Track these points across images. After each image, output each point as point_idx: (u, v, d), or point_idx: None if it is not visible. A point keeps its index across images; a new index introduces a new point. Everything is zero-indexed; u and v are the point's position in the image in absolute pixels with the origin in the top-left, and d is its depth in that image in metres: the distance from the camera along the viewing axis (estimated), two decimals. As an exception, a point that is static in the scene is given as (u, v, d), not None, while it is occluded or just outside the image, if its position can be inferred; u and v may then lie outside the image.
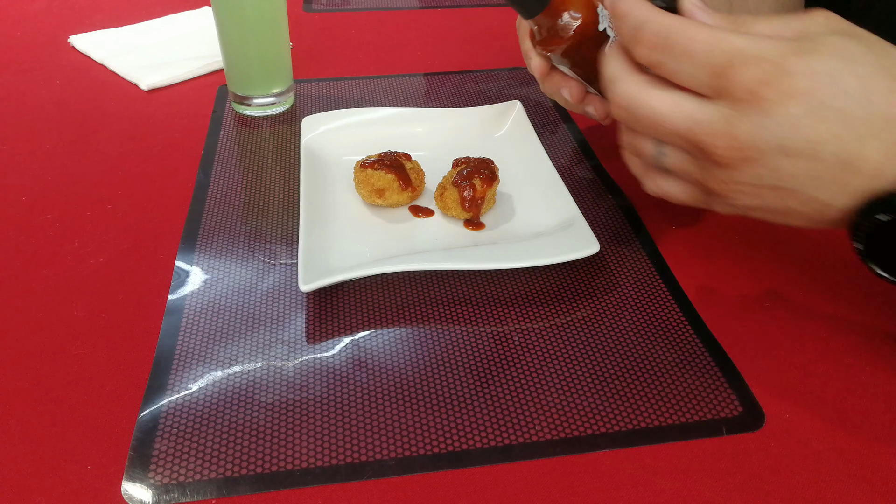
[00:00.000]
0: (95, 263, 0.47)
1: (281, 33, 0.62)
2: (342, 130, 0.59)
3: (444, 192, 0.50)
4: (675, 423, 0.37)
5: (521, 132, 0.59)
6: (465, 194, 0.49)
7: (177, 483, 0.33)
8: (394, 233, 0.50)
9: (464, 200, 0.49)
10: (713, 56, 0.32)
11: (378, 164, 0.50)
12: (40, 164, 0.57)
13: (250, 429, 0.36)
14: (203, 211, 0.52)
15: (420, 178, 0.52)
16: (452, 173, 0.51)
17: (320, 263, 0.44)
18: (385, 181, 0.50)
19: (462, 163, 0.53)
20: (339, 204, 0.52)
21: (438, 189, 0.51)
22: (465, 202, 0.49)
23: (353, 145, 0.58)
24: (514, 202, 0.53)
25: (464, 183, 0.49)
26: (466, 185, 0.49)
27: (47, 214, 0.51)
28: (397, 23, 0.86)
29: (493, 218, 0.52)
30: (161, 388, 0.38)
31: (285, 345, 0.41)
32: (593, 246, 0.46)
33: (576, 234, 0.47)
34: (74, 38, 0.76)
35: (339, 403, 0.38)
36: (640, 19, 0.35)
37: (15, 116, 0.64)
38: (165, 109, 0.65)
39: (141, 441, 0.35)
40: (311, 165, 0.54)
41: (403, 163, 0.52)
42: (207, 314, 0.43)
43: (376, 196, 0.50)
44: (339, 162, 0.56)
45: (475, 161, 0.52)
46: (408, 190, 0.51)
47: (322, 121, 0.60)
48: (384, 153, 0.52)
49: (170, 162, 0.58)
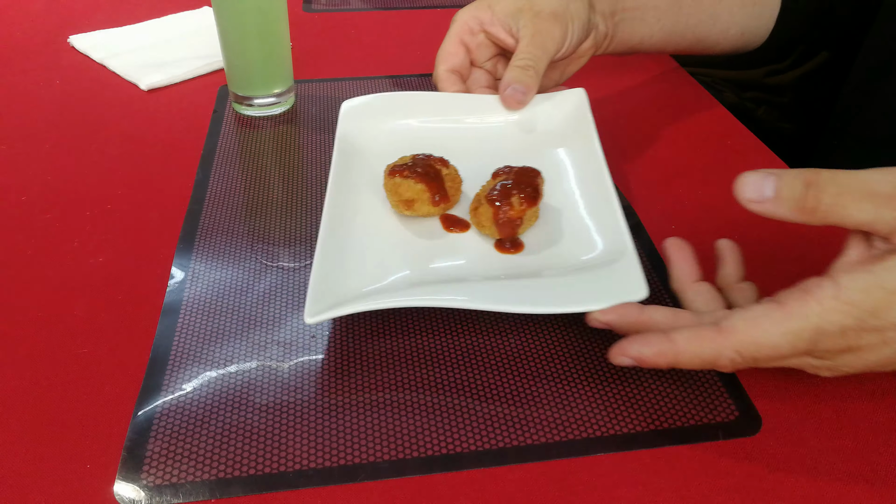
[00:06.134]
0: (95, 263, 0.47)
1: (281, 33, 0.62)
2: (382, 118, 0.55)
3: (479, 206, 0.45)
4: (671, 426, 0.37)
5: (579, 129, 0.53)
6: (501, 214, 0.44)
7: (169, 484, 0.33)
8: (421, 248, 0.46)
9: (499, 220, 0.44)
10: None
11: (409, 172, 0.46)
12: (40, 164, 0.57)
13: (244, 430, 0.36)
14: (202, 211, 0.52)
15: (456, 187, 0.48)
16: (490, 185, 0.46)
17: (332, 287, 0.40)
18: (414, 192, 0.45)
19: (503, 173, 0.47)
20: (367, 208, 0.48)
21: (474, 201, 0.46)
22: (501, 222, 0.44)
23: (392, 136, 0.53)
24: (561, 218, 0.47)
25: (500, 200, 0.44)
26: (503, 203, 0.44)
27: (47, 214, 0.51)
28: (397, 23, 0.86)
29: (534, 237, 0.46)
30: (156, 388, 0.38)
31: (281, 346, 0.41)
32: (639, 290, 0.39)
33: (622, 273, 0.40)
34: (74, 38, 0.76)
35: (333, 405, 0.38)
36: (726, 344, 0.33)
37: (14, 116, 0.64)
38: (165, 109, 0.65)
39: (134, 442, 0.35)
40: (345, 158, 0.50)
41: (439, 169, 0.47)
42: (204, 315, 0.43)
43: (405, 207, 0.46)
44: (376, 154, 0.51)
45: (517, 172, 0.46)
46: (440, 203, 0.46)
47: (362, 107, 0.55)
48: (419, 157, 0.47)
49: (169, 162, 0.58)
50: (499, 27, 0.55)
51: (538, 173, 0.47)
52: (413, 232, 0.47)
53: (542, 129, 0.55)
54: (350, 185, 0.49)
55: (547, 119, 0.55)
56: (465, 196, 0.49)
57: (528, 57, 0.52)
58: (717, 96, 0.71)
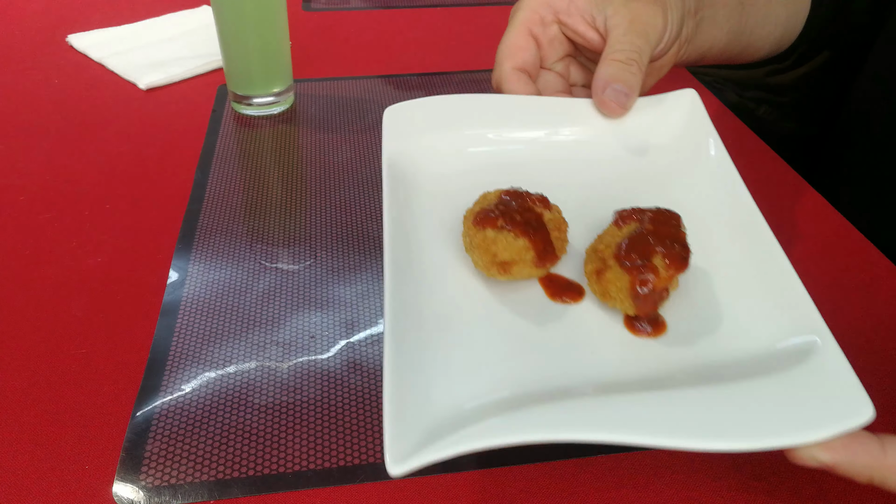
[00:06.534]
0: (93, 263, 0.47)
1: (281, 32, 0.62)
2: (442, 131, 0.42)
3: (603, 269, 0.33)
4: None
5: (701, 146, 0.40)
6: (642, 285, 0.32)
7: (168, 485, 0.33)
8: (523, 330, 0.33)
9: (638, 292, 0.32)
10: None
11: (503, 222, 0.34)
12: (38, 164, 0.57)
13: (243, 431, 0.36)
14: (201, 211, 0.52)
15: (563, 237, 0.36)
16: (615, 235, 0.34)
17: (416, 415, 0.27)
18: (514, 251, 0.33)
19: (630, 218, 0.35)
20: (439, 271, 0.35)
21: (593, 260, 0.34)
22: (641, 295, 0.32)
23: (459, 157, 0.41)
24: (710, 284, 0.35)
25: (638, 262, 0.32)
26: (643, 267, 0.32)
27: (45, 214, 0.51)
28: (397, 22, 0.86)
29: (675, 310, 0.34)
30: (155, 389, 0.38)
31: (280, 346, 0.41)
32: (861, 409, 0.26)
33: (824, 377, 0.28)
34: (72, 37, 0.76)
35: (333, 406, 0.37)
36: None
37: (13, 115, 0.63)
38: (164, 109, 0.65)
39: (133, 442, 0.35)
40: (401, 195, 0.37)
41: (541, 213, 0.35)
42: (203, 315, 0.43)
43: (500, 270, 0.34)
44: (439, 183, 0.39)
45: (652, 219, 0.34)
46: (547, 263, 0.34)
47: (413, 117, 0.42)
48: (510, 193, 0.35)
49: (168, 161, 0.57)
50: (578, 17, 0.46)
51: (679, 219, 0.34)
52: (508, 305, 0.34)
53: (654, 145, 0.42)
54: (413, 239, 0.36)
55: (657, 130, 0.43)
56: (571, 245, 0.36)
57: (628, 48, 0.42)
58: (718, 95, 0.71)
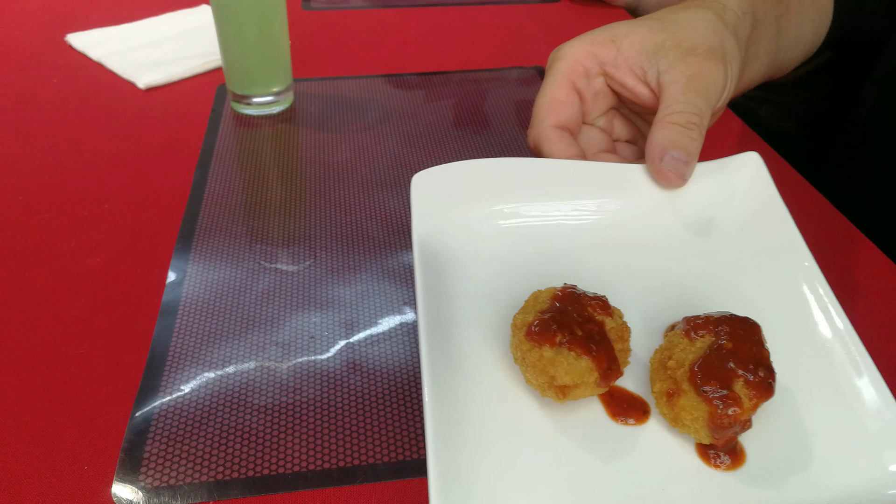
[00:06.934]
0: (92, 263, 0.46)
1: (280, 31, 0.62)
2: (479, 204, 0.37)
3: (676, 393, 0.29)
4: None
5: (770, 223, 0.36)
6: (723, 417, 0.28)
7: (167, 486, 0.33)
8: (577, 459, 0.29)
9: (717, 424, 0.28)
10: None
11: (563, 336, 0.29)
12: (36, 164, 0.57)
13: (242, 432, 0.36)
14: (200, 211, 0.51)
15: (626, 347, 0.31)
16: (687, 350, 0.30)
17: None
18: (576, 374, 0.29)
19: (703, 328, 0.30)
20: (482, 386, 0.31)
21: (662, 378, 0.30)
22: (721, 426, 0.28)
23: (501, 237, 0.36)
24: (787, 398, 0.31)
25: (718, 389, 0.28)
26: (724, 398, 0.28)
27: (44, 214, 0.51)
28: (397, 21, 0.86)
29: (755, 437, 0.30)
30: (153, 389, 0.38)
31: (279, 347, 0.41)
32: None
33: None
34: (71, 36, 0.76)
35: (333, 407, 0.37)
36: None
37: (11, 115, 0.63)
38: (163, 108, 0.65)
39: (132, 443, 0.35)
40: (439, 288, 0.33)
41: (602, 321, 0.31)
42: (202, 315, 0.43)
43: (556, 394, 0.30)
44: (477, 269, 0.35)
45: (730, 333, 0.30)
46: (609, 381, 0.30)
47: (444, 189, 0.37)
48: (564, 296, 0.31)
49: (167, 161, 0.57)
50: (626, 70, 0.41)
51: (759, 332, 0.30)
52: (563, 426, 0.30)
53: (717, 221, 0.38)
54: (453, 341, 0.32)
55: (719, 203, 0.38)
56: (633, 352, 0.32)
57: (688, 110, 0.38)
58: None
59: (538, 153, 0.42)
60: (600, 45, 0.42)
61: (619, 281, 0.35)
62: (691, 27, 0.41)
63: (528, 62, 0.75)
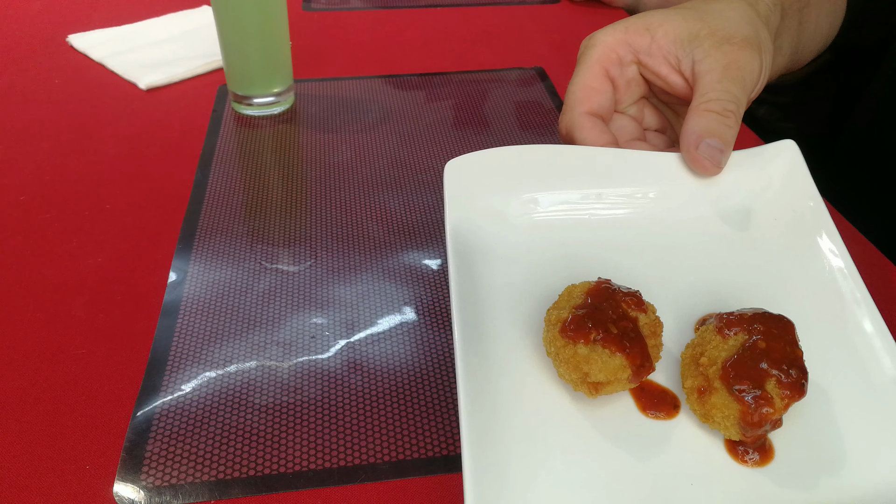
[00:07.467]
0: (94, 263, 0.47)
1: (281, 32, 0.62)
2: (514, 192, 0.37)
3: (707, 390, 0.29)
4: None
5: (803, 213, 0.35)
6: (754, 415, 0.28)
7: (169, 485, 0.33)
8: (607, 453, 0.30)
9: (748, 422, 0.28)
10: None
11: (597, 333, 0.29)
12: (38, 164, 0.57)
13: (243, 431, 0.36)
14: (201, 211, 0.52)
15: (658, 343, 0.31)
16: (719, 348, 0.30)
17: None
18: (609, 371, 0.29)
19: (736, 326, 0.30)
20: (513, 370, 0.32)
21: (694, 374, 0.30)
22: (752, 424, 0.28)
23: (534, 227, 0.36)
24: (819, 395, 0.31)
25: (750, 388, 0.28)
26: (756, 398, 0.28)
27: (45, 214, 0.51)
28: (397, 22, 0.86)
29: (785, 434, 0.30)
30: (155, 389, 0.38)
31: (280, 346, 0.41)
32: None
33: None
34: (73, 37, 0.76)
35: (334, 406, 0.37)
36: None
37: (13, 116, 0.63)
38: (164, 109, 0.65)
39: (134, 442, 0.35)
40: (464, 274, 0.33)
41: (636, 316, 0.31)
42: (203, 315, 0.43)
43: (589, 389, 0.30)
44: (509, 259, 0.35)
45: (764, 332, 0.29)
46: (642, 377, 0.30)
47: (477, 177, 0.37)
48: (599, 291, 0.31)
49: (168, 162, 0.57)
50: (660, 58, 0.42)
51: (792, 330, 0.30)
52: (593, 419, 0.31)
53: (752, 211, 0.37)
54: (487, 334, 0.32)
55: (754, 192, 0.38)
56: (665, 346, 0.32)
57: (725, 98, 0.38)
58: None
59: (570, 140, 0.42)
60: (634, 34, 0.42)
61: (653, 273, 0.35)
62: (726, 17, 0.41)
63: (528, 63, 0.75)
